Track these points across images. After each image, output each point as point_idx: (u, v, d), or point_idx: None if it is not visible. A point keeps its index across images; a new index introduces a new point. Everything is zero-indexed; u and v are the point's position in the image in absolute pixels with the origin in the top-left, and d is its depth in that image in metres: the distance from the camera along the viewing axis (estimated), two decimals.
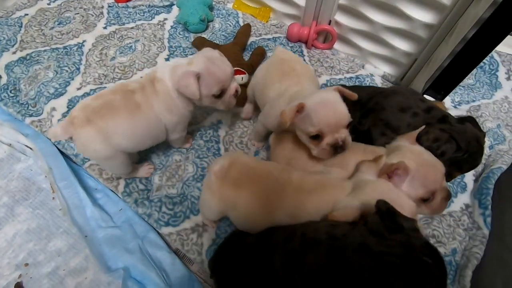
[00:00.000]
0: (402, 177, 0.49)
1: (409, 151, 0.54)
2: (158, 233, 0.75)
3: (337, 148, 0.58)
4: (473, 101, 1.01)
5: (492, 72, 1.06)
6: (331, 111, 0.57)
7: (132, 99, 0.63)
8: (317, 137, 0.58)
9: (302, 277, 0.37)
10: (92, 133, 0.61)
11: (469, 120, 0.63)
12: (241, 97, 0.87)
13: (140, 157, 0.82)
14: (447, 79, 0.77)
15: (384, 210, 0.36)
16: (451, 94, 1.02)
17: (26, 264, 0.71)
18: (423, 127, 0.58)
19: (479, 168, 0.87)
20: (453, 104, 1.00)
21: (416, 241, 0.33)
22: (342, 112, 0.57)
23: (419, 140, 0.59)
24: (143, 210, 0.74)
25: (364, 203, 0.44)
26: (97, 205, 0.78)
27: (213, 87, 0.65)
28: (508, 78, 1.05)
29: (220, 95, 0.67)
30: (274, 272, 0.45)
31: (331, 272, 0.34)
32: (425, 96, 0.87)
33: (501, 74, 1.06)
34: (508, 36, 1.22)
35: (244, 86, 0.87)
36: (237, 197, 0.57)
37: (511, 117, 0.98)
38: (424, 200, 0.52)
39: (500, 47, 1.11)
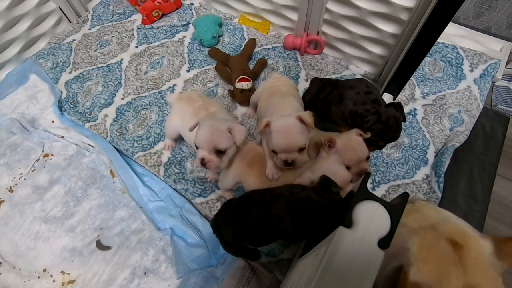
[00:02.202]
0: (332, 148, 0.72)
1: (345, 136, 0.74)
2: (191, 203, 1.02)
3: (288, 164, 0.73)
4: (440, 91, 1.21)
5: (458, 66, 1.26)
6: (285, 139, 0.72)
7: (198, 109, 0.90)
8: (274, 152, 0.75)
9: (269, 218, 0.62)
10: (180, 105, 0.95)
11: (396, 105, 0.83)
12: (246, 99, 1.12)
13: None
14: (398, 80, 0.99)
15: (324, 180, 0.62)
16: (420, 86, 1.23)
17: (101, 228, 1.00)
18: (369, 134, 0.77)
19: (439, 146, 1.10)
20: (422, 95, 1.21)
21: (336, 196, 0.59)
22: (294, 141, 0.71)
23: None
24: (181, 187, 1.02)
25: (314, 173, 0.69)
26: (146, 185, 1.05)
27: (191, 141, 0.83)
28: (471, 70, 1.24)
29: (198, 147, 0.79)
30: (248, 222, 0.68)
31: (288, 212, 0.59)
32: (385, 93, 1.09)
33: (466, 67, 1.25)
34: (473, 32, 1.42)
35: (248, 91, 1.12)
36: (250, 172, 0.83)
37: (471, 104, 1.18)
38: None
39: (464, 44, 1.32)
